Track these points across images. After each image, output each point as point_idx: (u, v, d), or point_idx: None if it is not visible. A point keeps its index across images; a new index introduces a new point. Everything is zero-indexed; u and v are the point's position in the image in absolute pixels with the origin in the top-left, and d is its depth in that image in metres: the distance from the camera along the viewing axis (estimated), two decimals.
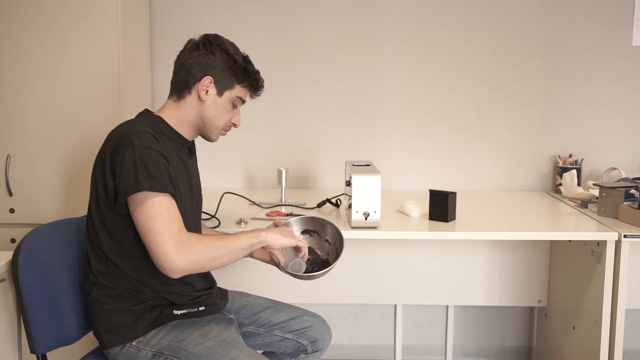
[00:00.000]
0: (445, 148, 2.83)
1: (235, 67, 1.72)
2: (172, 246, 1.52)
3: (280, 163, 2.80)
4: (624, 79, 2.77)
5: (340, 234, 1.83)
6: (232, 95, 1.75)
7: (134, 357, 1.64)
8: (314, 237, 1.90)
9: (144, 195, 1.54)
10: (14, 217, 2.42)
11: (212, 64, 1.70)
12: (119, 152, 1.57)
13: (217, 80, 1.71)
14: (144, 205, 1.54)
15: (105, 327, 1.66)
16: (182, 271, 1.54)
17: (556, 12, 2.75)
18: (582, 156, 2.79)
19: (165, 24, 2.77)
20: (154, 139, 1.61)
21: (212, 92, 1.72)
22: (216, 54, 1.71)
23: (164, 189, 1.56)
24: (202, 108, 1.73)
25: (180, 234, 1.54)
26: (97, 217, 1.66)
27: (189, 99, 1.73)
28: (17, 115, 2.37)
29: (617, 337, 2.05)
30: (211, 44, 1.72)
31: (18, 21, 2.32)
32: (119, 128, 1.67)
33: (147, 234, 1.54)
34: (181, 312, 1.70)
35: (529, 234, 2.10)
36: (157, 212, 1.54)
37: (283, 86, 2.80)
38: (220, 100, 1.74)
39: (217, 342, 1.65)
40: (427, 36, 2.77)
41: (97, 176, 1.63)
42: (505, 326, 2.93)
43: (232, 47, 1.75)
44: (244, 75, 1.74)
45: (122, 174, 1.55)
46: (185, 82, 1.72)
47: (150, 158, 1.57)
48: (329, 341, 1.96)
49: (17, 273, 1.60)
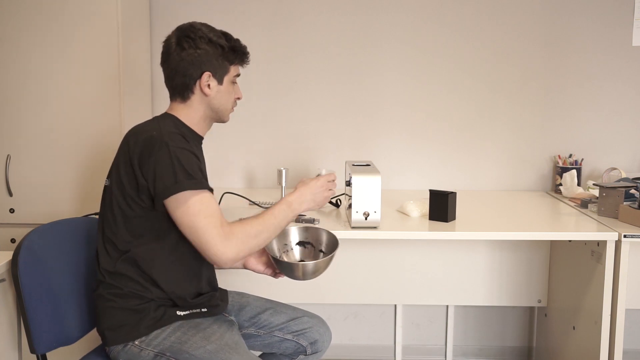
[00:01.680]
0: (445, 148, 2.83)
1: (224, 52, 1.75)
2: (220, 241, 1.58)
3: (280, 163, 2.80)
4: (624, 79, 2.77)
5: (336, 240, 1.84)
6: (229, 77, 1.79)
7: (136, 356, 1.64)
8: (307, 249, 1.91)
9: (185, 195, 1.58)
10: (14, 217, 2.42)
11: (203, 59, 1.72)
12: (151, 154, 1.60)
13: (214, 72, 1.75)
14: (186, 205, 1.58)
15: (109, 324, 1.66)
16: (234, 261, 1.62)
17: (556, 12, 2.75)
18: (582, 156, 2.79)
19: (165, 24, 2.76)
20: (183, 139, 1.66)
21: (213, 84, 1.75)
22: (202, 47, 1.72)
23: (203, 186, 1.62)
24: (209, 100, 1.77)
25: (223, 228, 1.60)
26: (122, 216, 1.66)
27: (194, 98, 1.76)
28: (17, 115, 2.37)
29: (617, 337, 2.05)
30: (192, 38, 1.72)
31: (18, 21, 2.32)
32: (143, 129, 1.68)
33: (193, 233, 1.59)
34: (184, 313, 1.70)
35: (529, 234, 2.10)
36: (200, 210, 1.59)
37: (283, 86, 2.80)
38: (222, 88, 1.78)
39: (219, 345, 1.65)
40: (427, 36, 2.77)
41: (123, 176, 1.65)
42: (505, 326, 2.93)
43: (210, 31, 1.76)
44: (234, 55, 1.78)
45: (159, 175, 1.59)
46: (185, 85, 1.74)
47: (186, 158, 1.61)
48: (328, 342, 1.96)
49: (17, 273, 1.61)
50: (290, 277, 1.83)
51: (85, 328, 1.78)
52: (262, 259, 1.91)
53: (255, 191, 2.75)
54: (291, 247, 1.93)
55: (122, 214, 1.66)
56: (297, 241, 1.93)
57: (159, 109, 2.80)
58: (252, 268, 1.92)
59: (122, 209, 1.66)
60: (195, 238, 1.60)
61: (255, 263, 1.91)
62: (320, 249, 1.90)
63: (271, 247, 1.85)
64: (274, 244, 1.87)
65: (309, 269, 1.78)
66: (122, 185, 1.65)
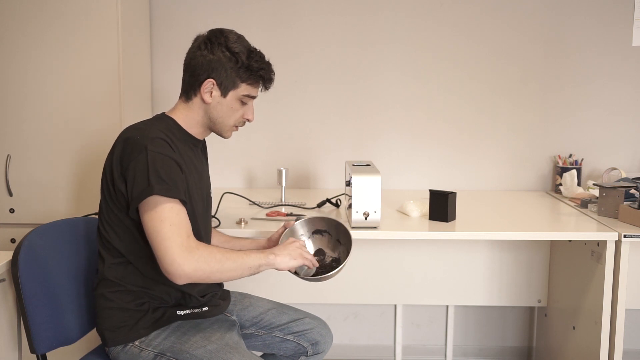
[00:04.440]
0: (445, 148, 2.83)
1: (237, 66, 1.67)
2: (180, 251, 1.50)
3: (280, 163, 2.80)
4: (624, 79, 2.77)
5: (349, 235, 1.83)
6: (237, 94, 1.70)
7: (136, 357, 1.64)
8: (325, 237, 1.89)
9: (155, 200, 1.53)
10: (14, 217, 2.42)
11: (213, 65, 1.66)
12: (131, 158, 1.56)
13: (219, 82, 1.67)
14: (154, 210, 1.53)
15: (109, 325, 1.66)
16: (188, 278, 1.52)
17: (556, 12, 2.75)
18: (582, 156, 2.79)
19: (165, 24, 2.77)
20: (167, 145, 1.60)
21: (215, 94, 1.69)
22: (216, 54, 1.66)
23: (175, 194, 1.55)
24: (208, 109, 1.71)
25: (188, 240, 1.53)
26: (108, 217, 1.66)
27: (196, 100, 1.71)
28: (17, 115, 2.37)
29: (617, 337, 2.05)
30: (212, 42, 1.67)
31: (18, 21, 2.32)
32: (130, 131, 1.65)
33: (155, 238, 1.52)
34: (184, 312, 1.70)
35: (529, 234, 2.10)
36: (167, 217, 1.53)
37: (283, 86, 2.79)
38: (225, 101, 1.70)
39: (220, 345, 1.65)
40: (427, 36, 2.77)
41: (107, 179, 1.63)
42: (505, 326, 2.93)
43: (237, 42, 1.69)
44: (247, 73, 1.68)
45: (135, 180, 1.55)
46: (190, 84, 1.71)
47: (163, 163, 1.56)
48: (329, 344, 1.96)
49: (17, 273, 1.60)
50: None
51: (85, 328, 1.78)
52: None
53: (255, 191, 2.75)
54: (308, 237, 1.88)
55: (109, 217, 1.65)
56: (314, 229, 1.89)
57: (159, 109, 2.80)
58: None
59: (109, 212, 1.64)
60: (156, 244, 1.52)
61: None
62: (338, 238, 1.86)
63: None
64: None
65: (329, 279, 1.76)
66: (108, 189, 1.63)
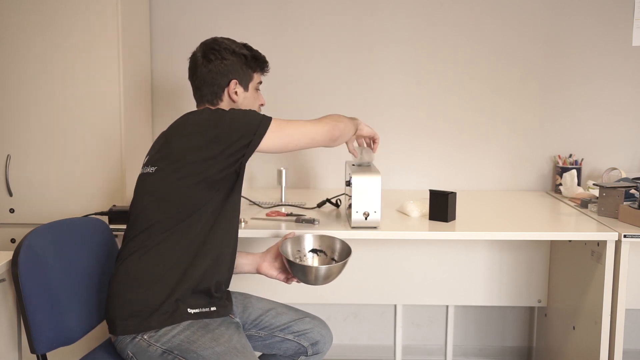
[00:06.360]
0: (445, 148, 2.83)
1: (247, 61, 1.89)
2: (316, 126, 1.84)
3: (280, 163, 2.80)
4: (624, 79, 2.77)
5: (349, 249, 1.88)
6: (253, 84, 1.94)
7: (144, 351, 1.65)
8: (320, 257, 1.94)
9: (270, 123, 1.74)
10: (14, 217, 2.42)
11: (229, 68, 1.86)
12: (218, 121, 1.71)
13: (240, 80, 1.88)
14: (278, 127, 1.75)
15: (121, 313, 1.68)
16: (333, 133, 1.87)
17: (556, 12, 2.75)
18: (582, 156, 2.79)
19: (165, 24, 2.77)
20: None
21: (240, 90, 1.89)
22: (228, 58, 1.86)
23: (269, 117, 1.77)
24: (237, 106, 1.89)
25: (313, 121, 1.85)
26: (184, 193, 1.69)
27: (222, 104, 1.88)
28: (17, 115, 2.37)
29: (617, 337, 2.05)
30: (217, 50, 1.86)
31: (18, 21, 2.32)
32: (196, 114, 1.78)
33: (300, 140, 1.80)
34: (195, 311, 1.70)
35: (529, 234, 2.10)
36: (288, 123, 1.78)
37: (283, 86, 2.80)
38: (248, 94, 1.92)
39: (227, 347, 1.66)
40: (427, 36, 2.77)
41: (189, 156, 1.68)
42: (505, 326, 2.93)
43: (232, 43, 1.90)
44: (256, 63, 1.92)
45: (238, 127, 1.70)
46: (214, 93, 1.87)
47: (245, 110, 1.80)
48: (329, 344, 1.96)
49: (17, 273, 1.60)
50: (302, 281, 1.85)
51: (85, 328, 1.77)
52: (275, 264, 1.95)
53: (255, 191, 2.75)
54: (305, 254, 1.95)
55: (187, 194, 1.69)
56: (311, 248, 1.95)
57: (159, 109, 2.81)
58: (265, 272, 1.95)
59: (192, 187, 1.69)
60: (304, 144, 1.82)
61: (268, 267, 1.95)
62: (333, 257, 1.92)
63: (285, 251, 1.88)
64: (288, 249, 1.90)
65: (321, 273, 1.81)
66: (194, 165, 1.68)
